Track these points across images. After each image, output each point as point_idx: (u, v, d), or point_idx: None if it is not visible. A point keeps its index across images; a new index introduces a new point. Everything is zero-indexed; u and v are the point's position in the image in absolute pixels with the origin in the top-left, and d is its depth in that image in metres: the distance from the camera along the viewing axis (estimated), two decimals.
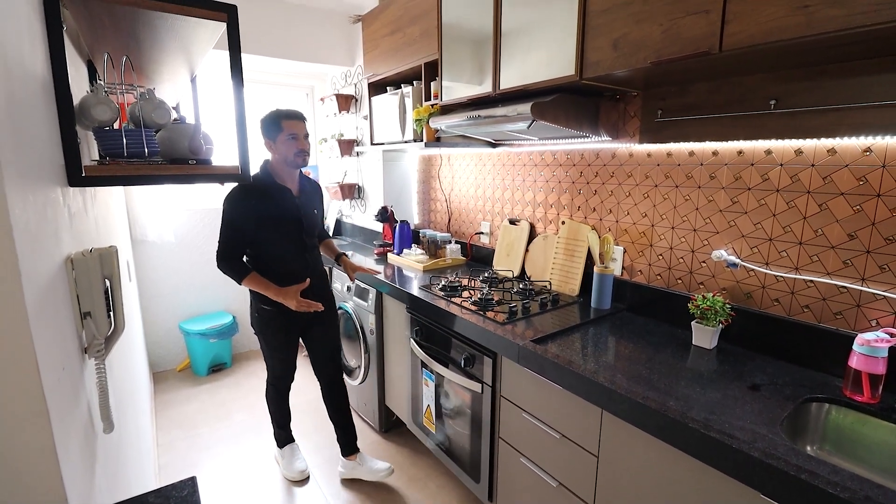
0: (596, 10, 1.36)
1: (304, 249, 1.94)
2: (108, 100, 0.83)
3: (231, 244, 1.79)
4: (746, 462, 0.91)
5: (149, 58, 1.17)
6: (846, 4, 0.91)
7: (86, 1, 0.78)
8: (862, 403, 1.12)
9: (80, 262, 0.72)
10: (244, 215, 1.77)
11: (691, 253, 1.58)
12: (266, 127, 1.81)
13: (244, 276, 1.79)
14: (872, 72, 1.12)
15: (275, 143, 1.80)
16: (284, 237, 1.87)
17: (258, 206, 1.78)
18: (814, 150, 1.27)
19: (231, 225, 1.77)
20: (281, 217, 1.84)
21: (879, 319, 1.20)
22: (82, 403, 0.75)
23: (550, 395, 1.38)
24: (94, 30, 0.93)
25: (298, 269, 1.92)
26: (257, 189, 1.80)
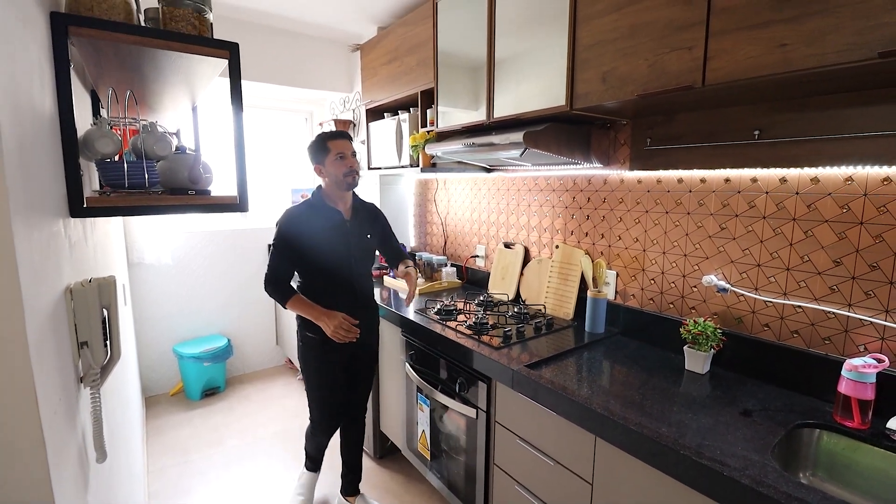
0: (585, 44, 1.42)
1: (352, 277, 1.84)
2: (112, 133, 0.86)
3: (278, 268, 1.75)
4: (737, 490, 0.91)
5: (152, 90, 1.21)
6: (820, 44, 0.95)
7: (93, 40, 0.82)
8: (852, 429, 1.13)
9: (80, 292, 0.74)
10: (291, 239, 1.73)
11: (682, 278, 1.60)
12: (314, 152, 1.78)
13: (288, 299, 1.74)
14: (849, 105, 1.16)
15: (324, 165, 1.75)
16: (332, 263, 1.79)
17: (306, 229, 1.74)
18: (798, 178, 1.31)
19: (278, 248, 1.74)
20: (329, 241, 1.77)
21: (867, 345, 1.22)
22: (77, 433, 0.75)
23: (545, 421, 1.38)
24: (100, 65, 0.97)
25: (346, 299, 1.82)
26: (307, 213, 1.77)
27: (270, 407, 3.08)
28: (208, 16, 0.99)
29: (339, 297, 1.81)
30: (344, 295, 1.83)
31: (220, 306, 3.43)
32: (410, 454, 2.14)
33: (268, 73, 2.99)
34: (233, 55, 0.94)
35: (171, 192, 0.95)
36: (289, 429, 2.80)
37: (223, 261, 3.40)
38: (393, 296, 2.39)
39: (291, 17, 2.79)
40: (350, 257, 1.82)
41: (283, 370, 3.68)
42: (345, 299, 1.82)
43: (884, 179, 1.16)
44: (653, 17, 1.23)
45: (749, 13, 1.05)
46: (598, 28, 1.37)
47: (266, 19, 2.84)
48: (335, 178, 1.75)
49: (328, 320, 1.72)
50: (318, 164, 1.78)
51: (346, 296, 1.84)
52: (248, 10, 2.70)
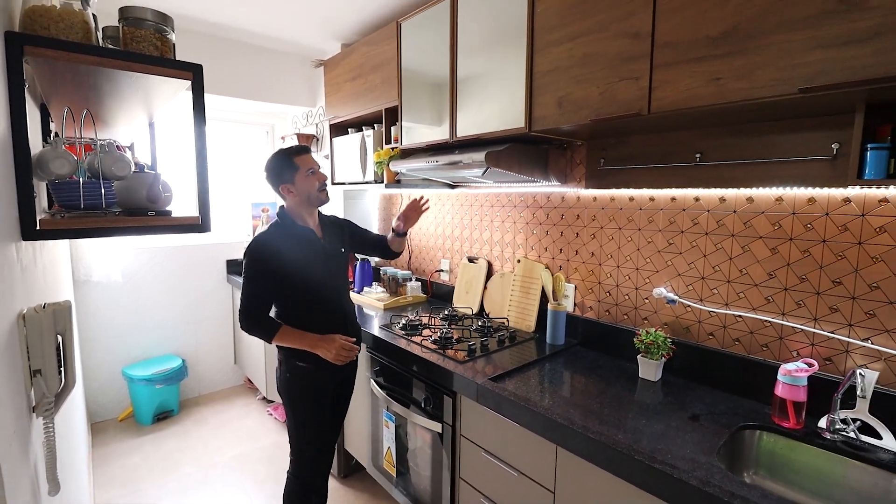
0: (542, 70, 1.50)
1: (338, 296, 1.74)
2: (67, 153, 0.84)
3: (256, 300, 1.58)
4: (687, 491, 0.97)
5: (107, 107, 1.18)
6: (748, 79, 1.06)
7: (51, 60, 0.80)
8: (788, 429, 1.23)
9: (33, 318, 0.71)
10: (267, 266, 1.57)
11: (635, 290, 1.70)
12: (279, 171, 1.63)
13: (274, 333, 1.57)
14: (777, 132, 1.29)
15: (294, 183, 1.62)
16: (314, 285, 1.66)
17: (281, 253, 1.59)
18: (735, 198, 1.43)
19: (254, 279, 1.57)
20: (307, 262, 1.64)
21: (799, 350, 1.33)
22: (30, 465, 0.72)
23: (508, 432, 1.41)
24: (54, 83, 0.94)
25: (335, 320, 1.71)
26: (278, 236, 1.62)
27: (228, 429, 2.97)
28: (170, 36, 0.99)
29: (326, 320, 1.69)
30: (332, 316, 1.71)
31: (174, 325, 3.29)
32: (376, 472, 2.12)
33: (229, 87, 2.94)
34: (196, 77, 0.94)
35: (130, 213, 0.93)
36: (248, 452, 2.71)
37: (177, 277, 3.27)
38: (357, 312, 2.38)
39: (254, 31, 2.77)
40: (330, 276, 1.71)
41: (241, 390, 3.56)
42: (333, 320, 1.71)
43: (808, 199, 1.29)
44: (603, 48, 1.32)
45: (688, 48, 1.15)
46: (554, 56, 1.45)
47: (228, 33, 2.81)
48: (308, 194, 1.64)
49: (327, 345, 1.60)
50: (287, 182, 1.63)
51: (333, 316, 1.72)
52: (209, 24, 2.66)
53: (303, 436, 1.71)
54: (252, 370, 3.28)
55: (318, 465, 1.76)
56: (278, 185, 1.65)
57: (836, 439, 1.17)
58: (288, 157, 1.64)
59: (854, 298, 1.23)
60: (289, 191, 1.64)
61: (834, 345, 1.27)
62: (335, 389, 1.76)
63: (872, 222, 1.19)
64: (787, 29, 1.00)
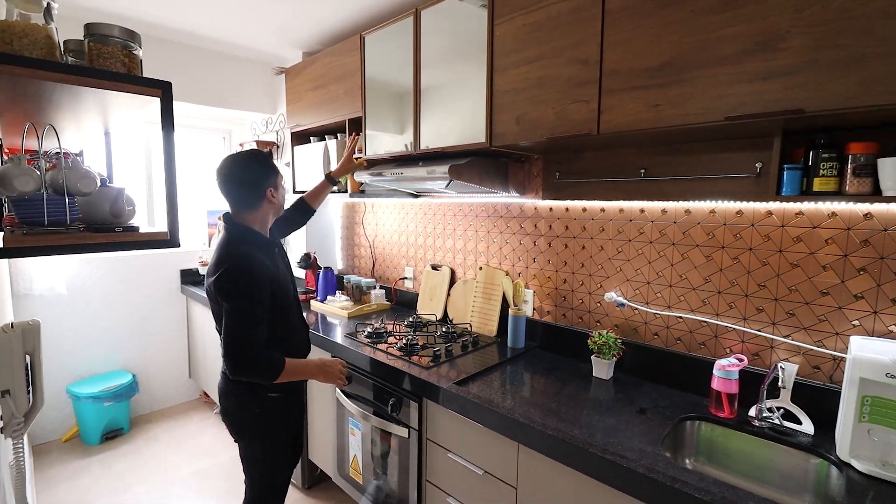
0: (501, 90, 1.59)
1: (301, 315, 1.67)
2: (31, 170, 0.83)
3: (260, 335, 1.37)
4: (635, 478, 1.07)
5: (65, 120, 1.15)
6: (683, 107, 1.19)
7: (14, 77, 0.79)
8: (724, 419, 1.36)
9: (1, 338, 0.70)
10: (262, 294, 1.39)
11: (589, 295, 1.81)
12: (263, 173, 1.47)
13: (281, 369, 1.39)
14: (709, 152, 1.43)
15: (277, 189, 1.51)
16: (291, 300, 1.58)
17: (270, 274, 1.44)
18: (674, 210, 1.57)
19: (249, 312, 1.35)
20: (284, 277, 1.55)
21: (731, 347, 1.48)
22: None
23: (473, 434, 1.48)
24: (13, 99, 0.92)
25: (304, 332, 1.68)
26: (256, 253, 1.43)
27: (185, 446, 2.87)
28: (137, 52, 0.99)
29: (297, 332, 1.62)
30: (302, 328, 1.67)
31: (124, 339, 3.15)
32: (342, 480, 2.13)
33: (186, 93, 2.86)
34: (165, 94, 0.95)
35: (95, 229, 0.93)
36: (207, 468, 2.63)
37: (127, 289, 3.14)
38: (321, 320, 2.39)
39: (214, 37, 2.72)
40: (294, 286, 1.63)
41: (197, 405, 3.44)
42: (303, 333, 1.67)
43: (737, 212, 1.44)
44: (557, 72, 1.42)
45: (631, 77, 1.27)
46: (512, 77, 1.54)
47: (186, 38, 2.74)
48: (279, 205, 1.56)
49: (329, 369, 1.52)
50: (271, 186, 1.49)
51: (304, 328, 1.68)
52: (167, 29, 2.59)
53: (270, 476, 1.58)
54: (209, 383, 3.18)
55: (278, 495, 1.64)
56: (263, 188, 1.47)
57: (764, 426, 1.32)
58: (270, 159, 1.52)
59: (776, 300, 1.38)
60: (272, 196, 1.49)
61: (760, 341, 1.42)
62: (297, 420, 1.68)
63: (791, 232, 1.35)
64: (715, 65, 1.13)
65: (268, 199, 1.49)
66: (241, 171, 1.45)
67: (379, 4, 2.18)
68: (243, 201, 1.48)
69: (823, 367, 1.32)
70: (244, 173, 1.45)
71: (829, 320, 1.30)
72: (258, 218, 1.51)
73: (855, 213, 1.25)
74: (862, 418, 1.15)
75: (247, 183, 1.45)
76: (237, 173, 1.45)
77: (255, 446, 1.54)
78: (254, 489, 1.60)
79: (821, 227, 1.29)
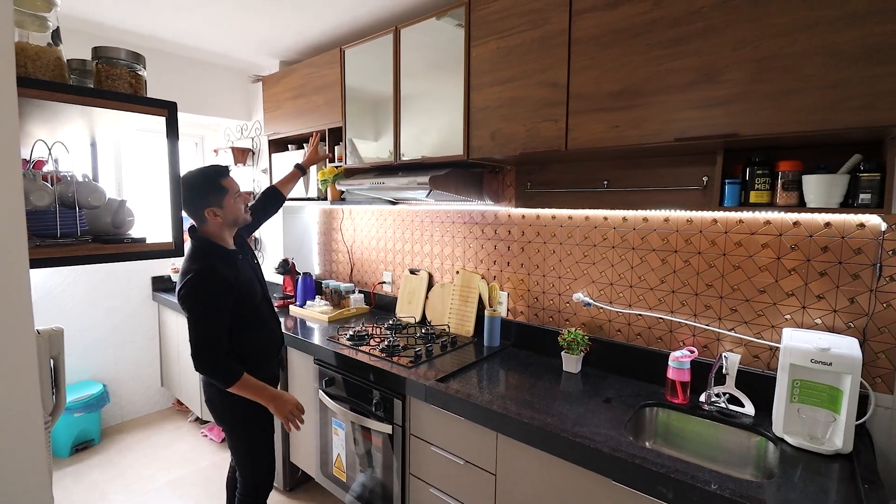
0: (477, 107, 1.71)
1: (273, 315, 1.78)
2: (45, 185, 0.88)
3: (219, 339, 1.49)
4: (601, 457, 1.21)
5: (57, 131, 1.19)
6: (640, 128, 1.34)
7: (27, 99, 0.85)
8: (678, 404, 1.53)
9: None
10: (223, 302, 1.50)
11: (558, 296, 1.96)
12: (203, 193, 1.56)
13: (238, 378, 1.50)
14: (664, 166, 1.60)
15: (222, 207, 1.58)
16: (258, 300, 1.68)
17: (230, 285, 1.53)
18: (634, 218, 1.73)
19: (211, 318, 1.48)
20: (249, 286, 1.63)
21: (685, 340, 1.65)
22: None
23: (454, 426, 1.59)
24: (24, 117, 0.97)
25: (275, 337, 1.77)
26: (217, 265, 1.52)
27: (160, 455, 2.85)
28: (143, 73, 1.05)
29: (269, 325, 1.72)
30: (272, 332, 1.75)
31: (94, 348, 3.09)
32: (325, 480, 2.19)
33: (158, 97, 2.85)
34: (171, 113, 1.02)
35: (105, 241, 0.98)
36: (184, 476, 2.63)
37: (97, 297, 3.08)
38: (300, 324, 2.44)
39: (188, 44, 2.73)
40: (264, 294, 1.74)
41: (170, 413, 3.40)
42: (274, 337, 1.76)
43: (688, 220, 1.61)
44: (529, 93, 1.56)
45: (595, 100, 1.42)
46: (487, 96, 1.67)
47: (158, 44, 2.74)
48: (235, 217, 1.62)
49: (281, 404, 1.59)
50: (213, 206, 1.57)
51: (275, 333, 1.77)
52: (139, 35, 2.58)
53: (257, 456, 1.71)
54: (183, 391, 3.16)
55: (270, 481, 1.78)
56: (202, 207, 1.56)
57: (713, 410, 1.48)
58: (214, 179, 1.58)
59: (722, 298, 1.56)
60: (214, 214, 1.58)
61: (709, 335, 1.60)
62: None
63: (732, 238, 1.53)
64: (666, 92, 1.29)
65: (210, 218, 1.58)
66: (185, 192, 1.50)
67: (358, 20, 2.27)
68: (194, 218, 1.61)
69: (762, 357, 1.51)
70: (188, 194, 1.53)
71: (766, 315, 1.49)
72: (213, 232, 1.61)
73: (786, 221, 1.43)
74: (793, 399, 1.33)
75: (189, 204, 1.57)
76: (183, 193, 1.50)
77: (238, 431, 1.69)
78: (244, 472, 1.73)
79: (757, 233, 1.48)
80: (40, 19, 0.94)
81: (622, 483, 1.19)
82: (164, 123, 1.06)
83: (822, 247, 1.38)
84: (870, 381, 1.34)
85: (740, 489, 1.06)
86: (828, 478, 1.15)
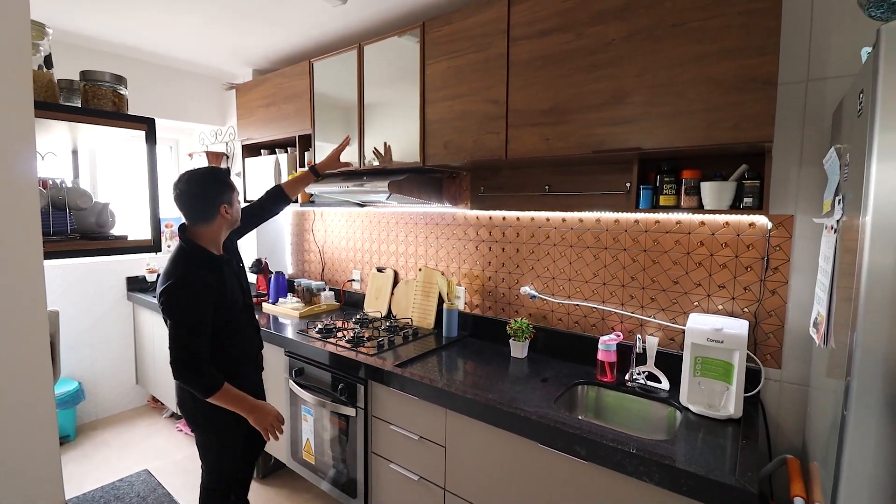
0: (431, 119, 1.90)
1: (252, 317, 1.78)
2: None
3: (200, 348, 1.47)
4: (529, 424, 1.41)
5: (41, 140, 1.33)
6: (566, 141, 1.55)
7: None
8: (606, 382, 1.74)
9: None
10: (204, 307, 1.49)
11: (509, 289, 2.16)
12: (220, 188, 1.57)
13: (218, 388, 1.49)
14: (596, 173, 1.81)
15: (232, 205, 1.60)
16: (240, 308, 1.67)
17: (212, 291, 1.52)
18: (572, 219, 1.94)
19: (193, 324, 1.46)
20: (232, 294, 1.63)
21: (615, 326, 1.87)
22: None
23: (410, 406, 1.77)
24: None
25: (253, 345, 1.78)
26: (201, 271, 1.51)
27: (135, 448, 2.94)
28: (124, 92, 1.21)
29: (247, 332, 1.73)
30: (251, 329, 1.76)
31: (69, 347, 3.15)
32: (296, 464, 2.34)
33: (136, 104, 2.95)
34: (150, 128, 1.18)
35: (92, 238, 1.13)
36: (161, 467, 2.73)
37: (73, 296, 3.15)
38: (272, 320, 2.58)
39: (163, 53, 2.85)
40: (246, 301, 1.73)
41: (145, 410, 3.48)
42: (252, 332, 1.77)
43: (615, 220, 1.83)
44: (475, 108, 1.76)
45: (529, 116, 1.62)
46: (440, 109, 1.86)
47: (134, 53, 2.85)
48: (237, 217, 1.66)
49: (261, 416, 1.58)
50: (226, 203, 1.58)
51: (252, 329, 1.77)
52: (113, 44, 2.69)
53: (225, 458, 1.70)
54: (158, 388, 3.25)
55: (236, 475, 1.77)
56: (218, 203, 1.55)
57: (635, 386, 1.70)
58: (227, 177, 1.60)
59: (643, 288, 1.78)
60: (226, 211, 1.58)
61: (634, 321, 1.82)
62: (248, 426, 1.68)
63: (651, 237, 1.75)
64: (586, 111, 1.50)
65: (222, 214, 1.58)
66: (198, 186, 1.53)
67: (326, 35, 2.43)
68: (198, 215, 1.55)
69: (676, 339, 1.73)
70: (201, 190, 1.53)
71: (679, 303, 1.71)
72: (212, 232, 1.58)
73: (693, 221, 1.67)
74: (695, 373, 1.55)
75: (203, 197, 1.54)
76: (194, 188, 1.52)
77: (208, 436, 1.67)
78: (209, 474, 1.74)
79: (670, 232, 1.71)
80: (35, 46, 1.08)
81: (546, 445, 1.39)
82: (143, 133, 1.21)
83: (722, 243, 1.62)
84: (762, 357, 1.58)
85: (642, 446, 1.27)
86: (718, 437, 1.38)
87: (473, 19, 1.75)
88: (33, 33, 1.07)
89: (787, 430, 1.54)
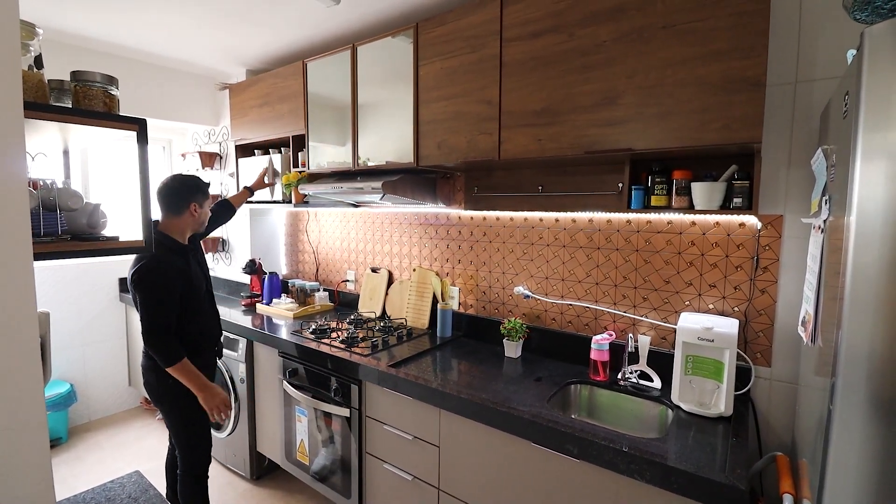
0: (425, 120, 1.91)
1: (213, 304, 2.01)
2: (31, 190, 1.02)
3: (166, 320, 1.70)
4: (522, 424, 1.42)
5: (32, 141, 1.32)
6: (558, 142, 1.56)
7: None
8: (599, 381, 1.75)
9: None
10: (173, 286, 1.72)
11: (503, 289, 2.17)
12: (194, 189, 1.85)
13: (179, 359, 1.71)
14: (588, 173, 1.83)
15: (202, 207, 1.87)
16: (203, 292, 1.91)
17: (181, 273, 1.77)
18: (565, 219, 1.95)
19: (161, 303, 1.69)
20: (196, 279, 1.86)
21: (607, 326, 1.88)
22: None
23: (404, 406, 1.77)
24: None
25: (214, 328, 1.99)
26: (170, 257, 1.76)
27: (128, 450, 2.92)
28: (115, 92, 1.20)
29: (208, 314, 1.94)
30: (213, 321, 1.98)
31: (61, 348, 3.13)
32: (290, 465, 2.34)
33: (129, 105, 2.94)
34: (141, 129, 1.17)
35: (84, 239, 1.12)
36: (155, 468, 2.72)
37: (65, 298, 3.13)
38: (266, 321, 2.58)
39: (156, 52, 2.83)
40: (208, 288, 1.97)
41: (138, 412, 3.46)
42: (212, 314, 1.98)
43: (607, 221, 1.84)
44: (468, 109, 1.76)
45: (521, 117, 1.63)
46: (434, 110, 1.87)
47: (126, 52, 2.83)
48: (203, 221, 1.91)
49: (210, 396, 1.78)
50: (198, 203, 1.86)
51: (214, 323, 1.99)
52: (106, 43, 2.68)
53: (193, 433, 1.89)
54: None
55: (205, 463, 1.95)
56: (189, 200, 1.83)
57: (627, 385, 1.71)
58: (204, 185, 1.91)
59: (636, 288, 1.80)
60: (195, 210, 1.85)
61: (626, 321, 1.83)
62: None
63: (643, 236, 1.77)
64: (578, 112, 1.51)
65: (190, 212, 1.84)
66: (177, 184, 1.84)
67: (317, 36, 2.43)
68: (171, 207, 1.82)
69: (668, 338, 1.75)
70: (179, 186, 1.83)
71: (671, 302, 1.73)
72: (179, 226, 1.84)
73: (684, 221, 1.68)
74: (687, 372, 1.56)
75: (178, 194, 1.82)
76: (174, 184, 1.83)
77: (174, 410, 1.86)
78: (182, 449, 1.91)
79: (662, 232, 1.72)
80: (25, 46, 1.08)
81: (539, 444, 1.40)
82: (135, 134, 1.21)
83: (713, 243, 1.63)
84: (752, 356, 1.60)
85: (633, 444, 1.28)
86: (709, 435, 1.39)
87: (467, 20, 1.76)
88: (23, 33, 1.07)
89: (776, 427, 1.56)
